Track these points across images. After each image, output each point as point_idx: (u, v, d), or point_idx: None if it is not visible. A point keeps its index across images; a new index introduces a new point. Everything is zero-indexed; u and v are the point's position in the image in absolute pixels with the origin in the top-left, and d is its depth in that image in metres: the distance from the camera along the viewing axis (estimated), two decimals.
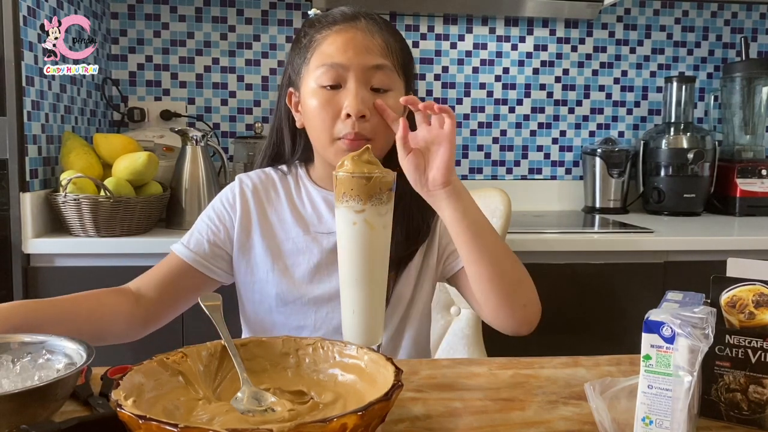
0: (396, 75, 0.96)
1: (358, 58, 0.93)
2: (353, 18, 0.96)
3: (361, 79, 0.93)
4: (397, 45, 0.98)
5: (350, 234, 0.74)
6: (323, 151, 0.98)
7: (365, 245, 0.75)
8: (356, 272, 0.75)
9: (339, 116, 0.93)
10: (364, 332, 0.76)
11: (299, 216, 1.04)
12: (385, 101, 0.94)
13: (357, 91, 0.92)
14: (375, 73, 0.94)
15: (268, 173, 1.08)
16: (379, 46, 0.94)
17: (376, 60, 0.94)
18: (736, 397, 0.66)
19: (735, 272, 0.68)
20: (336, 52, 0.93)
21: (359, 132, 0.92)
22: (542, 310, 1.00)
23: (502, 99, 2.25)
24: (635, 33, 2.28)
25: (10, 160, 1.49)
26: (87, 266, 1.54)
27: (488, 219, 0.95)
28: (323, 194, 1.05)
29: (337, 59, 0.93)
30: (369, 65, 0.93)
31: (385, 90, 0.95)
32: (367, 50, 0.93)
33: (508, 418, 0.69)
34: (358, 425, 0.51)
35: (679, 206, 2.11)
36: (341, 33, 0.94)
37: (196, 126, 2.08)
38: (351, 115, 0.92)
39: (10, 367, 0.69)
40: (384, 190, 0.74)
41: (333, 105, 0.93)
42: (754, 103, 2.20)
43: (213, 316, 0.73)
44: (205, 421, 0.61)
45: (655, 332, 0.58)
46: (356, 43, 0.93)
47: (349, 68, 0.93)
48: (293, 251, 1.02)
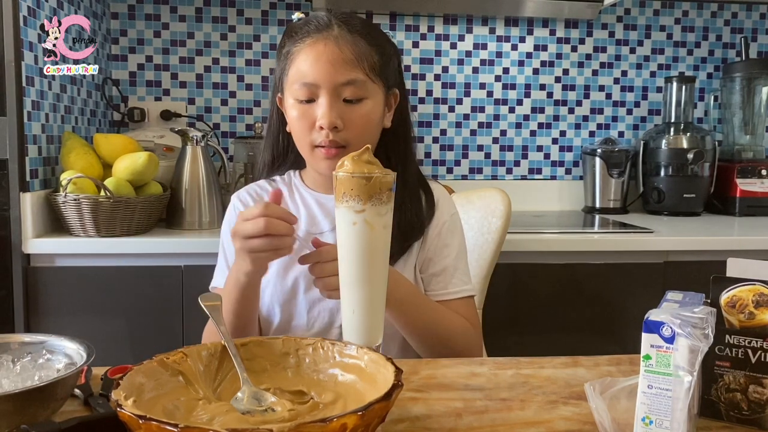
0: (369, 82, 1.00)
1: (328, 74, 0.97)
2: (326, 27, 0.99)
3: (332, 93, 0.98)
4: (371, 50, 1.00)
5: (350, 234, 0.74)
6: (306, 157, 1.04)
7: (365, 245, 0.75)
8: (356, 272, 0.75)
9: (314, 126, 0.99)
10: (365, 332, 0.76)
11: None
12: (358, 111, 0.99)
13: (329, 105, 0.97)
14: (346, 87, 0.98)
15: (262, 185, 1.14)
16: (348, 59, 0.98)
17: (346, 75, 0.98)
18: (736, 397, 0.66)
19: (735, 272, 0.68)
20: (308, 69, 0.98)
21: (333, 140, 0.98)
22: (542, 310, 1.01)
23: (502, 99, 2.25)
24: (635, 33, 2.28)
25: (10, 160, 1.49)
26: (87, 266, 1.54)
27: (416, 288, 1.02)
28: (316, 196, 1.09)
29: (309, 78, 0.98)
30: (338, 82, 0.98)
31: (358, 100, 1.00)
32: (336, 65, 0.97)
33: (508, 418, 0.69)
34: (358, 425, 0.51)
35: (679, 206, 2.11)
36: (313, 47, 0.98)
37: (196, 126, 2.07)
38: (323, 127, 0.97)
39: (10, 367, 0.69)
40: (384, 190, 0.74)
41: (308, 117, 0.99)
42: (754, 103, 2.20)
43: (213, 316, 0.73)
44: (205, 421, 0.61)
45: (655, 332, 0.58)
46: (326, 58, 0.97)
47: (320, 86, 0.98)
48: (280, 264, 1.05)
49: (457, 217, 1.13)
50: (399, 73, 1.09)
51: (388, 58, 1.04)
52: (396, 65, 1.07)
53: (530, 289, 1.65)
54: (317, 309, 1.04)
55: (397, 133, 1.08)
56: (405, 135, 1.10)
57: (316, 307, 1.04)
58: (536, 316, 1.66)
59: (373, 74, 1.00)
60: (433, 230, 1.08)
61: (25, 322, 1.51)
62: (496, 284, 1.45)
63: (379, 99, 1.02)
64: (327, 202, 1.08)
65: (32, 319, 1.52)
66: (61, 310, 1.53)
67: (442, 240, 1.08)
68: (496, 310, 1.45)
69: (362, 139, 0.98)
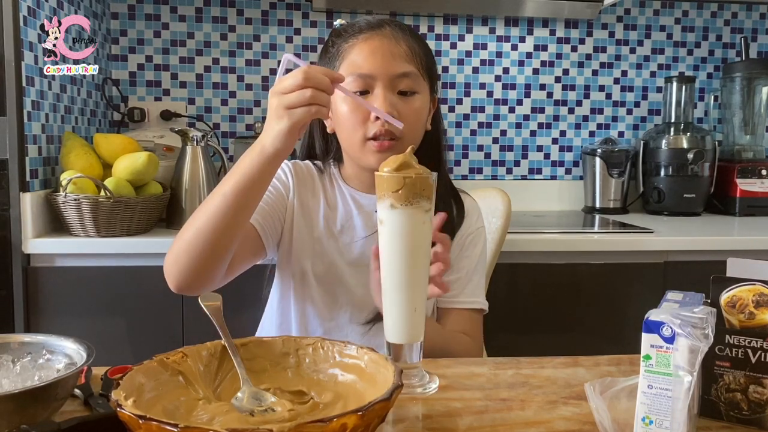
0: (421, 79, 1.02)
1: (384, 66, 0.98)
2: (378, 26, 1.01)
3: (388, 86, 0.98)
4: (421, 50, 1.03)
5: (419, 233, 0.76)
6: (354, 153, 1.03)
7: (428, 243, 0.78)
8: (423, 271, 0.77)
9: (368, 119, 0.98)
10: (420, 327, 0.78)
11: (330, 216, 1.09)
12: (411, 104, 1.00)
13: (385, 95, 0.97)
14: (402, 80, 0.99)
15: (309, 166, 1.13)
16: (404, 52, 0.99)
17: (403, 67, 0.99)
18: (736, 397, 0.66)
19: (735, 272, 0.68)
20: (363, 61, 0.98)
21: (389, 130, 0.97)
22: (542, 310, 1.02)
23: (502, 99, 2.25)
24: (635, 33, 2.28)
25: (10, 160, 1.49)
26: (87, 266, 1.54)
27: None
28: (351, 192, 1.10)
29: (365, 69, 0.98)
30: (395, 73, 0.98)
31: (412, 93, 1.00)
32: (393, 57, 0.98)
33: (508, 418, 0.69)
34: (358, 425, 0.51)
35: (679, 206, 2.11)
36: (367, 41, 0.99)
37: (196, 126, 2.07)
38: (379, 116, 0.96)
39: (10, 367, 0.69)
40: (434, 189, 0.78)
41: (363, 109, 0.98)
42: (754, 103, 2.20)
43: (213, 316, 0.73)
44: (205, 421, 0.61)
45: (655, 332, 0.58)
46: (383, 51, 0.98)
47: (376, 77, 0.98)
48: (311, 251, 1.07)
49: (483, 231, 1.14)
50: (438, 78, 1.11)
51: (434, 61, 1.07)
52: (436, 71, 1.09)
53: (530, 289, 1.65)
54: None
55: (432, 137, 1.09)
56: (439, 140, 1.11)
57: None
58: (536, 316, 1.66)
59: (424, 71, 1.02)
60: (457, 240, 1.09)
61: (25, 322, 1.50)
62: (496, 284, 1.45)
63: (427, 97, 1.04)
64: (361, 199, 1.09)
65: (32, 319, 1.51)
66: (61, 310, 1.53)
67: (464, 251, 1.10)
68: (496, 310, 1.44)
69: (413, 134, 1.01)
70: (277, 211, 1.05)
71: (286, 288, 1.09)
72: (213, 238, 0.85)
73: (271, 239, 1.04)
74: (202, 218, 0.86)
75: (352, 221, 1.08)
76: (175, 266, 0.88)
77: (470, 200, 1.16)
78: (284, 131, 0.80)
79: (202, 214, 0.86)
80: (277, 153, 0.82)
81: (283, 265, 1.09)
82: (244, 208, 0.86)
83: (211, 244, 0.86)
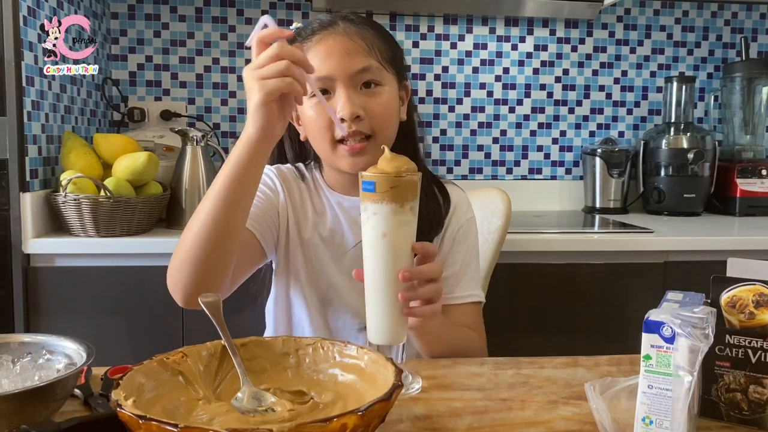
0: (384, 70, 0.98)
1: (341, 65, 0.95)
2: (330, 24, 0.98)
3: (349, 84, 0.95)
4: (379, 40, 0.99)
5: (402, 232, 0.75)
6: (327, 158, 1.01)
7: (412, 242, 0.77)
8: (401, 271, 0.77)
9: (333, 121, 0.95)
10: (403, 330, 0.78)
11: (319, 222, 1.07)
12: (378, 99, 0.97)
13: (348, 96, 0.94)
14: (362, 75, 0.96)
15: (292, 170, 1.11)
16: (360, 47, 0.96)
17: (361, 63, 0.95)
18: (736, 397, 0.66)
19: (735, 272, 0.68)
20: (320, 63, 0.94)
21: (357, 130, 0.94)
22: (542, 310, 1.01)
23: (502, 99, 2.25)
24: (635, 33, 2.27)
25: (10, 160, 1.49)
26: (87, 266, 1.54)
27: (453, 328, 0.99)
28: (336, 197, 1.08)
29: (323, 71, 0.94)
30: (354, 70, 0.95)
31: (376, 85, 0.97)
32: (349, 54, 0.95)
33: (508, 418, 0.69)
34: (358, 425, 0.51)
35: (679, 206, 2.11)
36: (321, 42, 0.96)
37: (196, 126, 2.07)
38: (344, 119, 0.93)
39: (10, 367, 0.69)
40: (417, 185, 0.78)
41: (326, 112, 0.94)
42: (754, 103, 2.20)
43: (213, 315, 0.73)
44: (205, 421, 0.61)
45: (655, 332, 0.58)
46: (338, 50, 0.95)
47: (335, 78, 0.95)
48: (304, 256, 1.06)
49: (473, 221, 1.12)
50: (407, 68, 1.09)
51: (397, 49, 1.04)
52: (402, 59, 1.06)
53: (530, 289, 1.65)
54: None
55: (406, 128, 1.06)
56: (413, 130, 1.09)
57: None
58: (536, 316, 1.66)
59: (386, 62, 0.99)
60: (449, 233, 1.08)
61: (25, 322, 1.50)
62: (496, 284, 1.45)
63: (394, 88, 1.01)
64: (345, 203, 1.07)
65: (32, 319, 1.51)
66: (61, 310, 1.53)
67: (456, 244, 1.08)
68: (496, 310, 1.45)
69: (386, 128, 0.98)
70: (270, 213, 1.04)
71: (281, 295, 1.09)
72: (213, 240, 0.84)
73: (270, 242, 1.04)
74: (199, 221, 0.85)
75: (340, 227, 1.06)
76: (179, 277, 0.87)
77: (458, 191, 1.13)
78: (259, 104, 0.78)
79: (198, 218, 0.85)
80: (261, 134, 0.80)
81: (280, 269, 1.08)
82: (238, 202, 0.85)
83: (211, 247, 0.84)
